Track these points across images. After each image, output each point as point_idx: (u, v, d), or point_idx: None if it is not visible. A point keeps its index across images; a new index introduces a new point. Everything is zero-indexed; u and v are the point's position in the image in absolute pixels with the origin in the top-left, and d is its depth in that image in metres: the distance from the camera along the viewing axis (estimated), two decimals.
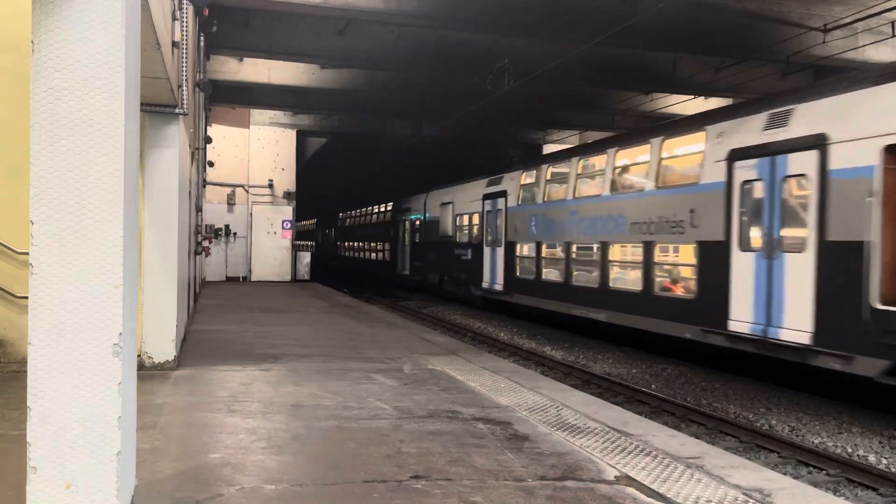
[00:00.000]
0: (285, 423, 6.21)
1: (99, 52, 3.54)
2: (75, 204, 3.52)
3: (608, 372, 13.47)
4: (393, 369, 8.96)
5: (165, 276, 8.58)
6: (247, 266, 27.74)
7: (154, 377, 8.04)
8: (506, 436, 5.91)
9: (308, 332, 12.75)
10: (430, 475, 4.83)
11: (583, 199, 17.00)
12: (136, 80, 3.95)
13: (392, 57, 19.21)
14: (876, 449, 8.66)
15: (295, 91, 24.07)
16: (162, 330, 8.57)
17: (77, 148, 3.52)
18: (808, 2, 16.20)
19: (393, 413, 6.61)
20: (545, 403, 7.18)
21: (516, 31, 16.81)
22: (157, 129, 8.62)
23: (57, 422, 3.51)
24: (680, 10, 15.49)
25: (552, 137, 32.04)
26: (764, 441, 8.85)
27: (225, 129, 27.11)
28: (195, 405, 6.85)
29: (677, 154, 14.19)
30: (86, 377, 3.53)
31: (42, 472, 3.49)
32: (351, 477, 4.77)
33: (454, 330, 19.09)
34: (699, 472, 5.04)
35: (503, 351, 15.72)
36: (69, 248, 3.52)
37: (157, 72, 6.89)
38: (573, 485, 4.72)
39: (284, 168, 28.28)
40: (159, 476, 4.72)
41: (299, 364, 9.23)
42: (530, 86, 19.56)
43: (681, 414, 10.28)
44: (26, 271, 3.56)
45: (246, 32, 18.00)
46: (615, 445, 5.69)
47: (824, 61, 17.25)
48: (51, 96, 3.50)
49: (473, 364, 9.51)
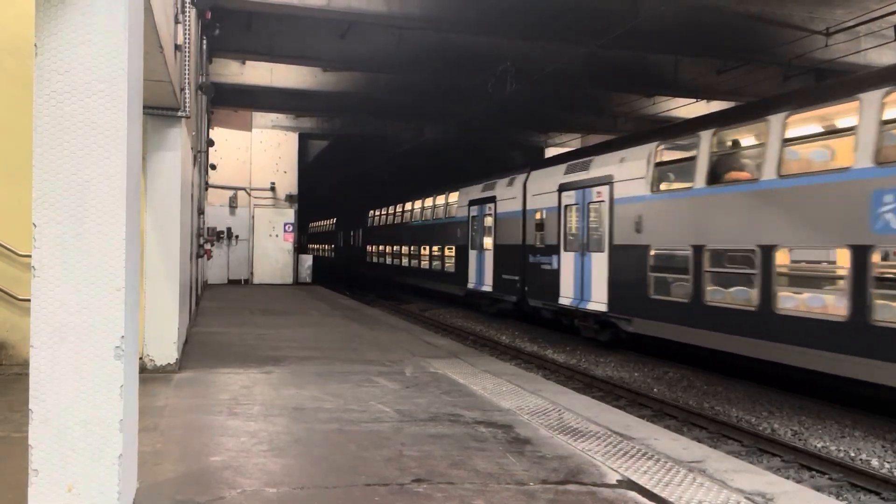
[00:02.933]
0: (287, 425, 6.21)
1: (102, 56, 3.55)
2: (77, 207, 3.52)
3: (610, 375, 13.45)
4: (394, 372, 8.95)
5: (167, 279, 8.58)
6: (248, 269, 27.74)
7: (156, 380, 8.04)
8: (507, 439, 5.89)
9: (309, 335, 12.75)
10: (431, 478, 4.82)
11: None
12: (138, 83, 3.95)
13: (394, 60, 19.23)
14: (879, 453, 8.64)
15: (297, 94, 24.10)
16: (164, 332, 8.58)
17: (79, 150, 3.53)
18: (811, 5, 16.20)
19: (394, 416, 6.60)
20: (547, 407, 7.17)
21: (518, 34, 16.83)
22: (160, 131, 8.63)
23: (59, 424, 3.51)
24: (682, 13, 15.49)
25: (554, 140, 32.07)
26: (766, 445, 8.82)
27: (227, 132, 27.15)
28: (197, 408, 6.85)
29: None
30: (87, 380, 3.54)
31: (44, 474, 3.49)
32: (352, 480, 4.76)
33: (456, 333, 19.08)
34: (701, 476, 5.03)
35: (505, 354, 15.70)
36: (71, 250, 3.52)
37: (160, 75, 6.90)
38: (575, 488, 4.71)
39: (286, 171, 28.31)
40: (161, 479, 4.72)
41: (301, 367, 9.22)
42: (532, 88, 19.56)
43: (683, 417, 10.26)
44: (28, 274, 3.57)
45: (248, 35, 18.03)
46: (617, 449, 5.68)
47: (826, 64, 17.24)
48: (53, 99, 3.51)
49: (475, 367, 9.50)
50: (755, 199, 11.34)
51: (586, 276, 15.99)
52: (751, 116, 12.05)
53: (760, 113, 11.59)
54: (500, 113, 24.46)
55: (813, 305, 10.68)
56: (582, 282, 16.20)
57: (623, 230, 14.63)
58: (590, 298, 15.85)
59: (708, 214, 12.41)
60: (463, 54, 19.27)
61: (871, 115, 9.53)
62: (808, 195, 10.49)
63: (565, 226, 17.11)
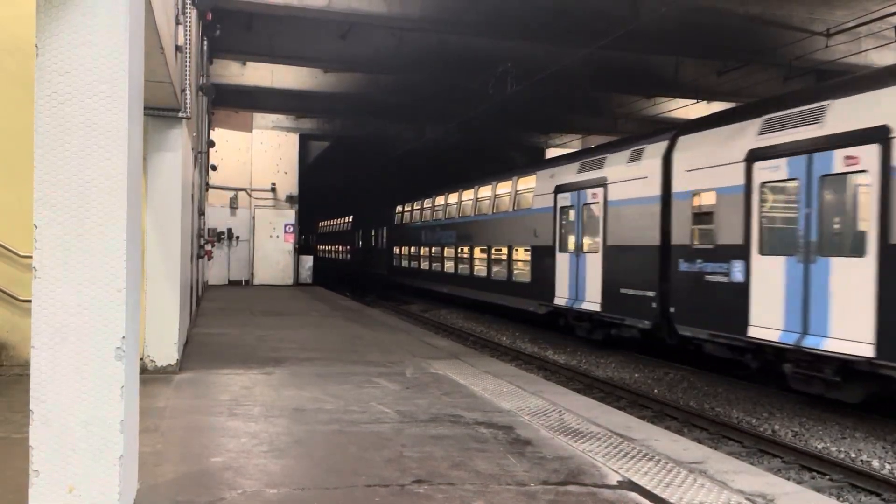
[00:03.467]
0: (287, 426, 6.21)
1: (103, 56, 3.55)
2: (78, 207, 3.52)
3: (610, 376, 13.44)
4: (395, 373, 8.95)
5: (168, 280, 8.59)
6: (249, 270, 27.75)
7: (156, 380, 8.04)
8: (508, 440, 5.89)
9: (310, 336, 12.75)
10: (432, 479, 4.82)
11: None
12: (139, 84, 3.96)
13: (394, 61, 19.23)
14: (879, 454, 8.63)
15: (297, 95, 24.11)
16: (164, 333, 8.58)
17: (80, 151, 3.53)
18: (811, 6, 16.20)
19: (395, 417, 6.60)
20: (547, 408, 7.17)
21: (518, 35, 16.82)
22: (160, 132, 8.63)
23: (59, 425, 3.51)
24: (682, 14, 15.50)
25: (554, 141, 32.08)
26: (767, 446, 8.82)
27: (228, 133, 27.17)
28: (197, 408, 6.85)
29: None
30: (88, 381, 3.54)
31: (44, 475, 3.50)
32: (353, 481, 4.76)
33: (456, 334, 19.08)
34: (702, 477, 5.03)
35: (505, 355, 15.70)
36: (72, 251, 3.53)
37: (161, 75, 6.90)
38: (576, 489, 4.71)
39: (287, 172, 28.33)
40: (161, 479, 4.72)
41: (301, 368, 9.23)
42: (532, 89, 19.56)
43: (683, 419, 10.26)
44: (29, 274, 3.57)
45: (249, 36, 18.04)
46: (618, 450, 5.68)
47: (827, 65, 17.24)
48: (54, 100, 3.51)
49: (475, 368, 9.50)
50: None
51: (812, 294, 9.82)
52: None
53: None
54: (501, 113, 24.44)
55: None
56: (806, 301, 9.92)
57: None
58: (823, 332, 9.64)
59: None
60: (463, 55, 19.28)
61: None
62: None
63: (760, 215, 10.95)
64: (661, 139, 14.07)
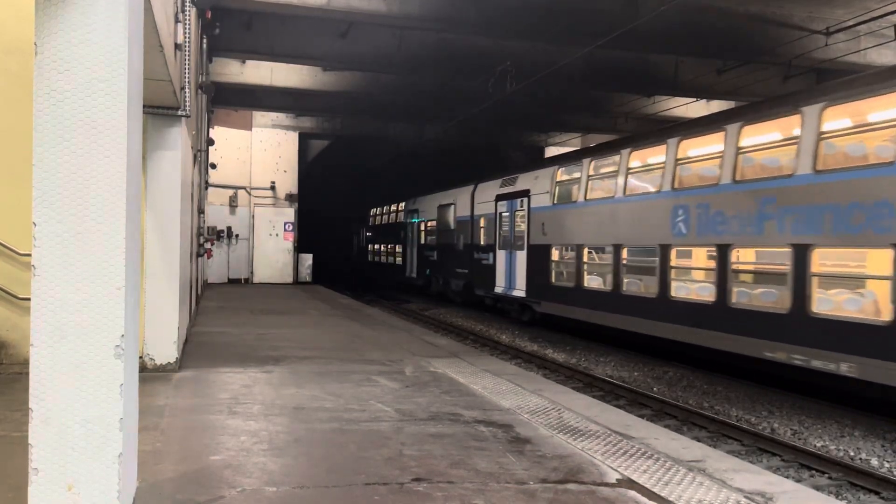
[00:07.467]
0: (287, 425, 6.21)
1: (102, 54, 3.55)
2: (77, 206, 3.52)
3: (610, 375, 13.45)
4: (394, 372, 8.96)
5: (167, 278, 8.58)
6: (248, 268, 27.77)
7: (156, 379, 8.04)
8: (507, 438, 5.90)
9: (309, 335, 12.75)
10: (431, 478, 4.82)
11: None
12: (138, 82, 3.95)
13: (394, 60, 19.22)
14: (878, 452, 8.64)
15: (297, 93, 24.11)
16: (164, 332, 8.58)
17: (79, 150, 3.53)
18: (810, 5, 16.20)
19: (394, 415, 6.61)
20: (547, 406, 7.17)
21: (518, 34, 16.82)
22: (160, 130, 8.63)
23: (59, 423, 3.51)
24: (681, 13, 15.48)
25: (554, 140, 32.07)
26: (766, 444, 8.83)
27: (227, 132, 27.16)
28: (197, 407, 6.85)
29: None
30: (88, 379, 3.54)
31: (44, 473, 3.50)
32: (352, 479, 4.77)
33: (456, 332, 19.09)
34: (701, 476, 5.03)
35: (505, 354, 15.71)
36: (71, 249, 3.53)
37: (160, 74, 6.90)
38: (575, 488, 4.71)
39: (286, 170, 28.34)
40: (161, 478, 4.72)
41: (301, 366, 9.23)
42: (532, 88, 19.56)
43: (683, 417, 10.27)
44: (28, 273, 3.57)
45: (248, 34, 18.03)
46: (617, 448, 5.68)
47: (827, 64, 17.25)
48: (53, 98, 3.51)
49: (475, 367, 9.51)
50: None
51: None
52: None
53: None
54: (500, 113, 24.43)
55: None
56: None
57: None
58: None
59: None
60: (463, 54, 19.27)
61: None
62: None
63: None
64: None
